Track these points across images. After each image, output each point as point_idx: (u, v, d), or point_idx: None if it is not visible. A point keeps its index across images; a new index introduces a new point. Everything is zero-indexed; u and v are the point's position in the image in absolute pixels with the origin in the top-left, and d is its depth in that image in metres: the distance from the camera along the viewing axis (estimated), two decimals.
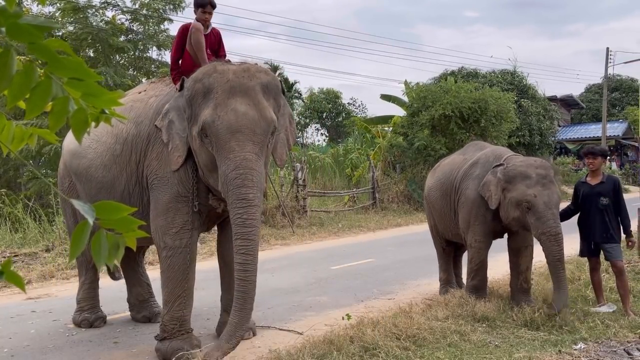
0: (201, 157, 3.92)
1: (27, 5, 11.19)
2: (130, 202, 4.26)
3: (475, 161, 5.55)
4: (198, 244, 8.66)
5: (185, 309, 4.14)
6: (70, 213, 5.26)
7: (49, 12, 11.69)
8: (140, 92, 4.63)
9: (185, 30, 4.37)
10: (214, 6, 4.44)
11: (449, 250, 6.18)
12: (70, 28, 11.79)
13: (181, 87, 4.06)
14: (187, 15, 17.86)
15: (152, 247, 6.93)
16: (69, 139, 5.05)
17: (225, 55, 4.62)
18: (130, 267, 5.32)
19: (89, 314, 5.12)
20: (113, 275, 5.35)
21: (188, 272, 4.11)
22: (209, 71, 3.88)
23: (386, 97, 20.35)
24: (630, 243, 5.18)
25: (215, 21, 4.59)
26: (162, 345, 4.14)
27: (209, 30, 4.43)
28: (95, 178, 4.53)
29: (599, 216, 5.07)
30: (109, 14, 11.90)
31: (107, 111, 1.13)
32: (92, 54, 11.88)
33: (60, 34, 11.48)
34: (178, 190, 4.08)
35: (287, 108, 4.33)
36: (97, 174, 4.51)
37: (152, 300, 5.37)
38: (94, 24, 11.48)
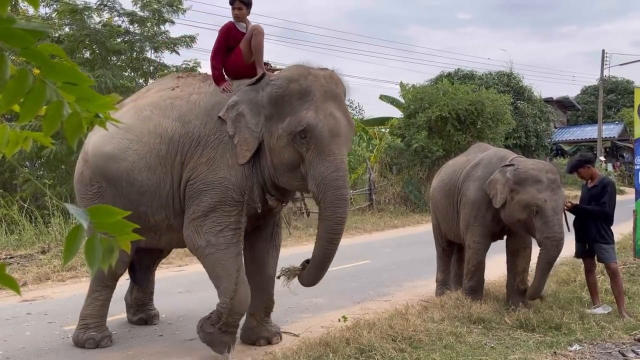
0: (282, 156, 3.89)
1: (24, 7, 11.12)
2: (174, 204, 4.16)
3: (477, 162, 5.56)
4: None
5: (245, 303, 4.14)
6: None
7: (46, 14, 11.65)
8: (173, 89, 4.40)
9: (229, 30, 4.28)
10: (243, 2, 4.29)
11: (449, 250, 6.20)
12: (67, 29, 11.75)
13: (257, 81, 4.02)
14: (189, 17, 17.76)
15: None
16: (99, 142, 4.37)
17: None
18: (143, 271, 5.24)
19: (96, 332, 4.59)
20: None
21: (238, 264, 4.07)
22: (303, 73, 3.94)
23: (385, 98, 20.39)
24: (568, 204, 5.14)
25: (208, 22, 4.51)
26: (210, 334, 4.12)
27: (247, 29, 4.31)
28: (138, 181, 4.20)
29: (592, 218, 5.12)
30: (105, 15, 11.85)
31: (101, 115, 1.13)
32: (88, 56, 11.84)
33: (57, 35, 11.44)
34: (230, 195, 3.99)
35: None
36: (141, 177, 4.18)
37: (150, 304, 5.33)
38: (91, 25, 11.42)
